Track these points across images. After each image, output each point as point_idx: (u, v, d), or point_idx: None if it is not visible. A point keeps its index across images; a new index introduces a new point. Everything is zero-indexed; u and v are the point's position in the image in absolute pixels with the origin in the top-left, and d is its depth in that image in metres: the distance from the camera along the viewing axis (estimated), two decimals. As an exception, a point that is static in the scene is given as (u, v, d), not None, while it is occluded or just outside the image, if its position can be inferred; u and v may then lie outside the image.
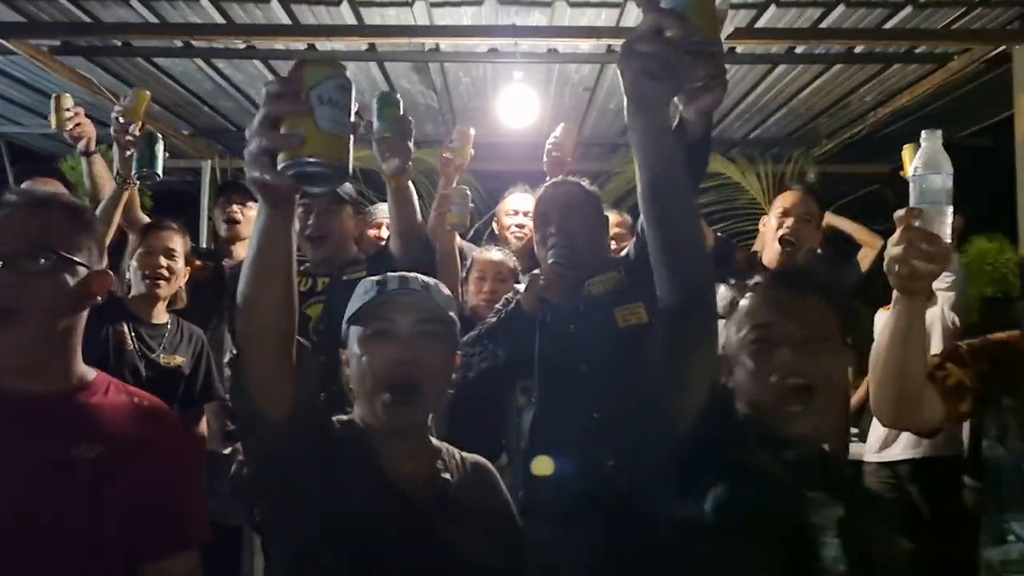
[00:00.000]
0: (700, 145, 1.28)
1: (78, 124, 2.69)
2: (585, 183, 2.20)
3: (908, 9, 3.27)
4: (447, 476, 1.32)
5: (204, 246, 4.82)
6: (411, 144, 1.92)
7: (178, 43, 3.70)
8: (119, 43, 3.72)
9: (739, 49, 3.71)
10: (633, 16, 3.33)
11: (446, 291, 1.37)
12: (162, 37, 3.49)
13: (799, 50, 3.78)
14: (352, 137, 0.96)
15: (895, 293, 1.34)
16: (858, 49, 3.79)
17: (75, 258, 1.24)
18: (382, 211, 3.05)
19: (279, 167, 0.93)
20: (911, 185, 1.29)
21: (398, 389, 1.24)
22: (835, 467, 1.40)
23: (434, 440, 1.40)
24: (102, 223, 2.37)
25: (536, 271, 2.08)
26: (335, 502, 1.20)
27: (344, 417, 1.32)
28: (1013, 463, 1.59)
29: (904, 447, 3.17)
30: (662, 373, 1.15)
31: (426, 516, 1.25)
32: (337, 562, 1.17)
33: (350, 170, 0.96)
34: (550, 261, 1.99)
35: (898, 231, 1.26)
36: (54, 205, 1.28)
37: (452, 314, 1.35)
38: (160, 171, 2.61)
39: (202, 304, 2.90)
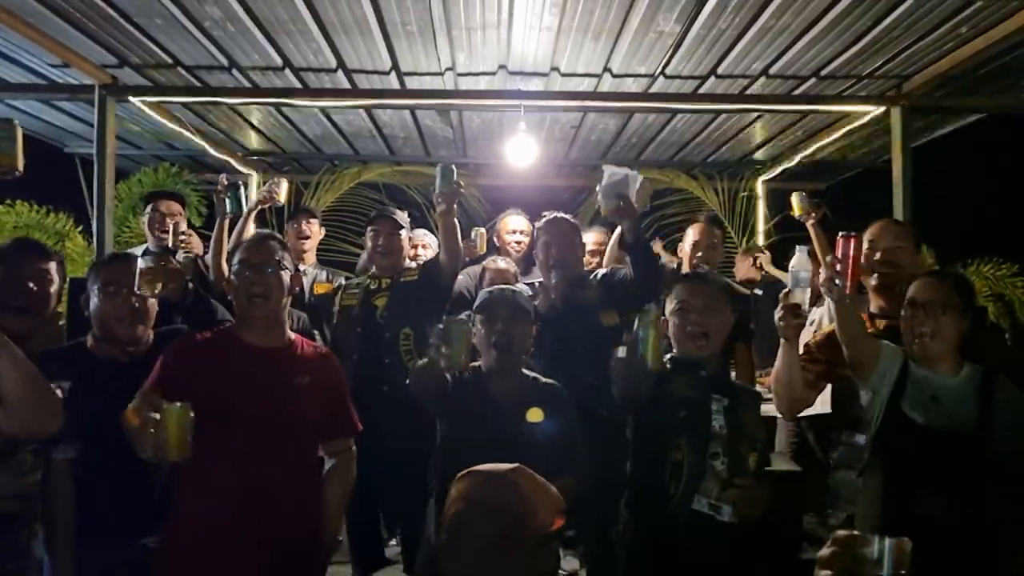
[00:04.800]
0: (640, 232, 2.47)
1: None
2: (570, 218, 3.22)
3: (812, 80, 4.38)
4: (530, 395, 2.30)
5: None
6: (457, 198, 2.95)
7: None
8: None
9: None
10: (607, 84, 4.42)
11: (528, 293, 2.41)
12: (258, 98, 4.51)
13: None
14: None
15: (781, 340, 2.17)
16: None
17: (287, 266, 2.20)
18: (418, 234, 4.13)
19: None
20: (789, 275, 2.22)
21: (498, 347, 2.27)
22: (725, 378, 2.38)
23: (528, 373, 2.37)
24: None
25: (540, 281, 3.10)
26: (466, 408, 2.25)
27: (475, 364, 2.31)
28: (842, 400, 2.47)
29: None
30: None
31: (514, 421, 2.24)
32: (464, 444, 2.16)
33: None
34: (554, 280, 3.00)
35: (780, 305, 2.16)
36: (271, 238, 2.28)
37: (529, 308, 2.36)
38: (242, 209, 3.44)
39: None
